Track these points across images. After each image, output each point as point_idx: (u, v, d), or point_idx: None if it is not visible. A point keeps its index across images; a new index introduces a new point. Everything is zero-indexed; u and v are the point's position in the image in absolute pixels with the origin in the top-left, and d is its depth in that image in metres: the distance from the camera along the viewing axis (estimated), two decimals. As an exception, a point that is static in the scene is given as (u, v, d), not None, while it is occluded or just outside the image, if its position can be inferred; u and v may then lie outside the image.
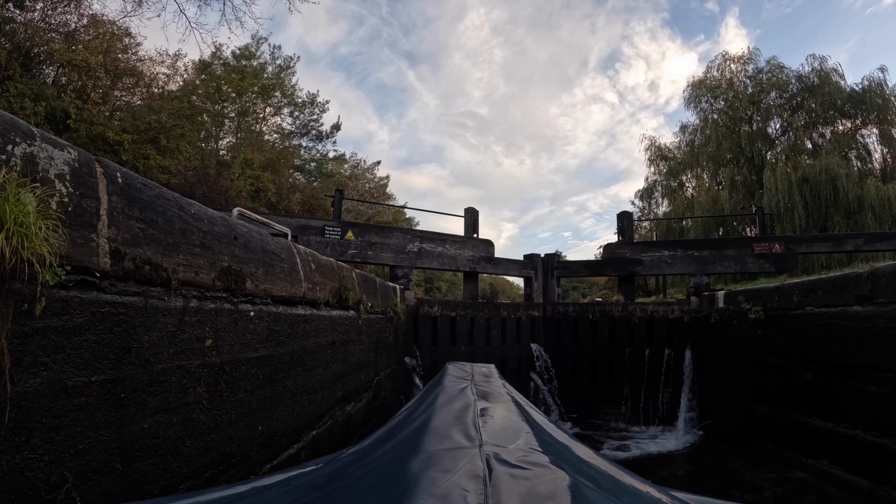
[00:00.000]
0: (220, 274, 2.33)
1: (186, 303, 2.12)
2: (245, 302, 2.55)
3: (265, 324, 2.74)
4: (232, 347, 2.45)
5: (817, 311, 5.89)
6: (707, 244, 8.96)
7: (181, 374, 2.12)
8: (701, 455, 7.37)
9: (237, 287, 2.46)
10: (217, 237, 2.34)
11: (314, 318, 3.49)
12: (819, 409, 5.85)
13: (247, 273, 2.54)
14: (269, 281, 2.79)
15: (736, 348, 7.35)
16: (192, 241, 2.16)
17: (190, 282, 2.13)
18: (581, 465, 1.86)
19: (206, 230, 2.26)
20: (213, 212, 2.42)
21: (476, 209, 9.49)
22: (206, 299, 2.25)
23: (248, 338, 2.59)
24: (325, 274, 3.79)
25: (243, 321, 2.53)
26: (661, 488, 1.72)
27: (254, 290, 2.61)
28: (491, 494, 1.30)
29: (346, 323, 4.29)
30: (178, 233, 2.07)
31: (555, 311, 9.43)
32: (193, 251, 2.15)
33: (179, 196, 2.19)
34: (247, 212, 3.02)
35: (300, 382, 3.28)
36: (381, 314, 5.90)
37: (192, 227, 2.17)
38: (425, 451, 1.77)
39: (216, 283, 2.30)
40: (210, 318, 2.27)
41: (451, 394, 2.85)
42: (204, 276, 2.22)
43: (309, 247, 7.58)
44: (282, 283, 2.95)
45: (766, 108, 24.18)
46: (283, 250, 3.07)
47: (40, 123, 11.17)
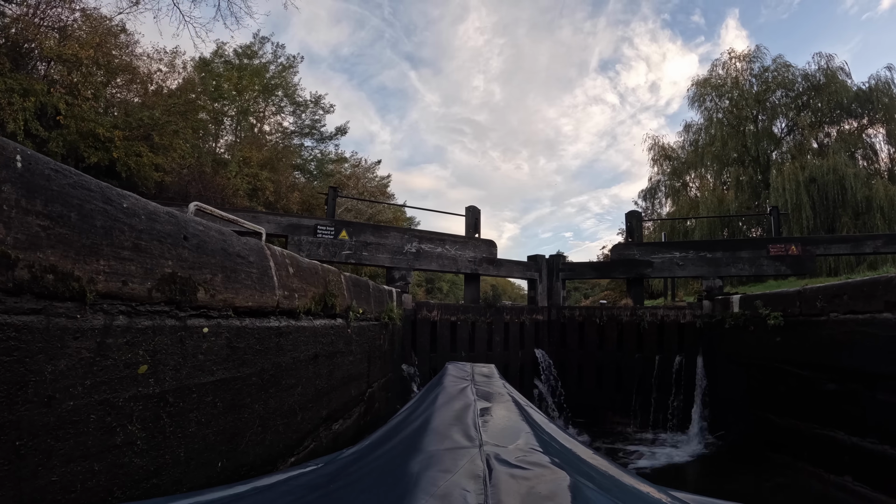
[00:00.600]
0: (160, 283, 1.89)
1: (110, 321, 1.69)
2: (196, 316, 2.12)
3: (224, 341, 2.31)
4: (177, 372, 2.01)
5: (843, 317, 5.49)
6: (720, 245, 8.51)
7: (104, 411, 1.70)
8: (714, 468, 7.00)
9: (184, 298, 2.02)
10: (158, 237, 1.91)
11: (291, 331, 3.06)
12: (843, 422, 5.47)
13: (199, 281, 2.11)
14: (230, 289, 2.35)
15: (752, 356, 6.93)
16: (121, 243, 1.73)
17: (115, 294, 1.70)
18: (581, 465, 1.85)
19: (143, 228, 1.83)
20: (158, 206, 1.99)
21: (478, 208, 9.05)
22: (139, 315, 1.82)
23: (201, 359, 2.16)
24: (306, 279, 3.36)
25: (193, 339, 2.10)
26: (661, 488, 1.70)
27: (208, 300, 2.18)
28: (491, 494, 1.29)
29: (332, 333, 3.86)
30: (99, 232, 1.64)
31: (560, 315, 8.99)
32: (121, 255, 1.72)
33: (109, 186, 1.77)
34: (207, 207, 2.59)
35: (273, 405, 2.85)
36: (374, 320, 5.47)
37: (122, 224, 1.74)
38: (425, 451, 1.76)
39: (153, 295, 1.86)
40: (144, 338, 1.84)
41: (451, 394, 2.86)
42: (136, 286, 1.79)
43: (300, 247, 7.18)
44: (248, 292, 2.52)
45: (771, 106, 23.78)
46: (252, 252, 2.63)
47: (29, 119, 10.80)
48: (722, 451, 7.37)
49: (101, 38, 12.63)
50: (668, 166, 26.63)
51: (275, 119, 24.52)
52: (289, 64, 23.65)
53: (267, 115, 24.11)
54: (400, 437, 2.15)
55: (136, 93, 15.48)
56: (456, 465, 1.54)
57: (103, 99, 12.84)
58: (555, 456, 1.70)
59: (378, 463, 1.87)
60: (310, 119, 25.47)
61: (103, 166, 12.11)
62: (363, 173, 29.59)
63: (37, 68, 12.73)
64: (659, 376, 8.19)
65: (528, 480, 1.42)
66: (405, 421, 2.47)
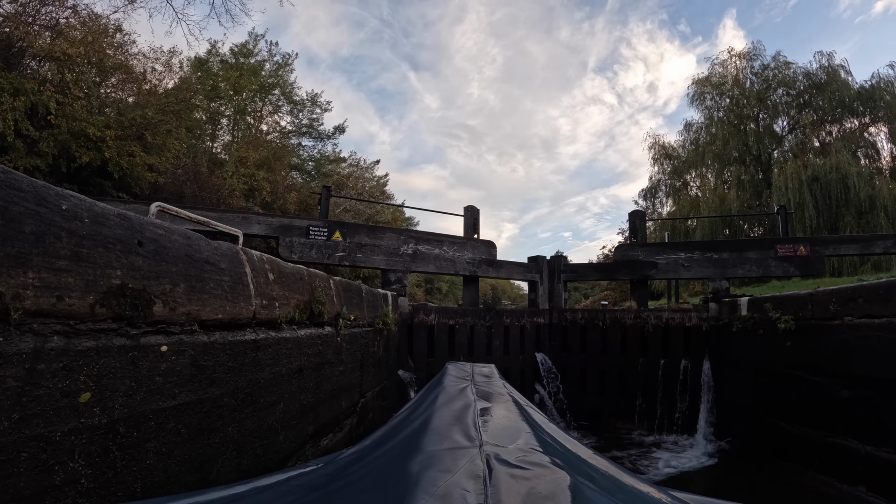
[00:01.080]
0: (106, 296, 1.65)
1: (41, 343, 1.45)
2: (152, 333, 1.87)
3: (187, 359, 2.06)
4: (129, 398, 1.77)
5: (858, 321, 5.26)
6: (727, 246, 8.25)
7: (38, 448, 1.45)
8: (721, 476, 6.76)
9: (137, 313, 1.77)
10: (105, 243, 1.66)
11: (271, 343, 2.81)
12: (857, 430, 5.24)
13: (155, 292, 1.86)
14: (195, 300, 2.10)
15: (761, 360, 6.69)
16: (56, 251, 1.48)
17: (48, 311, 1.46)
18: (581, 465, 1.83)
19: (86, 233, 1.58)
20: (108, 208, 1.74)
21: (476, 208, 8.80)
22: (80, 335, 1.57)
23: (159, 381, 1.91)
24: (288, 286, 3.11)
25: (149, 359, 1.85)
26: (661, 488, 1.69)
27: (168, 315, 1.93)
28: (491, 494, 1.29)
29: (319, 343, 3.61)
30: (29, 239, 1.40)
31: (562, 318, 8.73)
32: (56, 265, 1.48)
33: (46, 186, 1.52)
34: (171, 207, 2.34)
35: (250, 426, 2.60)
36: (367, 326, 5.22)
37: (58, 229, 1.49)
38: (425, 451, 1.74)
39: (97, 311, 1.62)
40: (87, 361, 1.59)
41: (451, 394, 2.84)
42: (75, 301, 1.54)
43: (292, 249, 6.92)
44: (218, 303, 2.26)
45: (772, 105, 23.57)
46: (224, 258, 2.38)
47: (19, 119, 10.55)
48: (729, 458, 7.13)
49: (93, 37, 12.37)
50: (668, 165, 26.42)
51: (272, 118, 24.31)
52: (284, 62, 23.41)
53: (264, 115, 23.89)
54: (400, 437, 2.14)
55: (131, 92, 15.23)
56: (456, 465, 1.54)
57: (96, 98, 12.57)
58: (555, 456, 1.70)
59: (378, 463, 1.85)
60: (307, 118, 25.26)
61: (95, 166, 11.86)
62: (361, 173, 29.36)
63: (30, 67, 12.49)
64: (664, 381, 7.95)
65: (528, 480, 1.41)
66: (405, 421, 2.46)
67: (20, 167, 10.54)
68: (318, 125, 25.61)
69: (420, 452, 1.73)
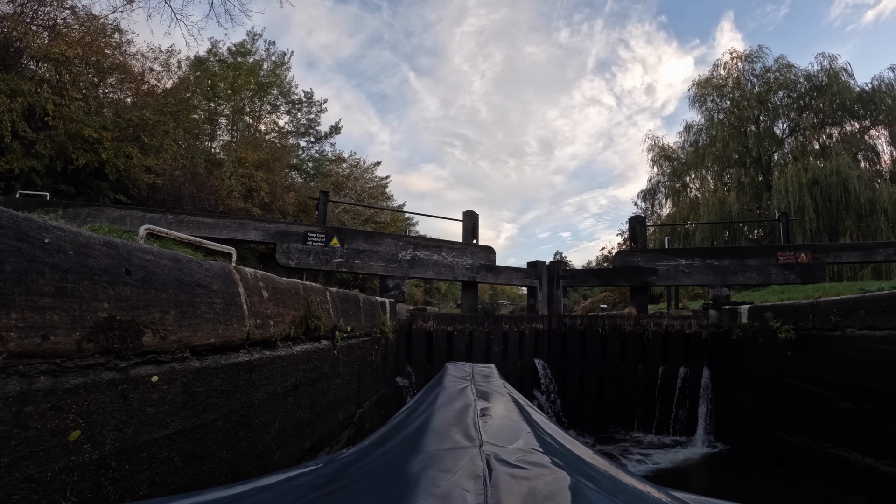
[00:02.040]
0: (94, 331, 1.60)
1: (28, 384, 1.40)
2: (142, 363, 1.82)
3: (179, 387, 2.01)
4: (120, 432, 1.72)
5: (859, 333, 5.22)
6: (728, 253, 8.20)
7: (29, 489, 1.41)
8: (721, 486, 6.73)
9: (126, 346, 1.73)
10: (90, 275, 1.61)
11: (266, 363, 2.76)
12: (857, 442, 5.21)
13: (145, 322, 1.81)
14: (187, 326, 2.06)
15: (761, 369, 6.65)
16: (39, 288, 1.43)
17: (33, 352, 1.41)
18: (581, 465, 1.83)
19: (70, 267, 1.53)
20: (93, 237, 1.69)
21: (475, 213, 8.73)
22: (67, 372, 1.52)
23: (151, 412, 1.86)
24: (283, 302, 3.06)
25: (139, 391, 1.80)
26: (661, 488, 1.69)
27: (158, 344, 1.88)
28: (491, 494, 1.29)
29: (315, 358, 3.56)
30: (10, 278, 1.35)
31: (561, 324, 8.69)
32: (40, 304, 1.43)
33: (28, 218, 1.47)
34: (162, 230, 2.28)
35: (245, 448, 2.55)
36: (365, 336, 5.18)
37: (41, 265, 1.44)
38: (425, 451, 1.74)
39: (84, 347, 1.57)
40: (75, 398, 1.55)
41: (451, 394, 2.83)
42: (60, 339, 1.49)
43: (289, 256, 6.87)
44: (210, 327, 2.22)
45: (773, 107, 23.52)
46: (216, 279, 2.33)
47: (17, 120, 10.47)
48: (729, 468, 7.10)
49: (91, 37, 12.28)
50: (667, 167, 26.36)
51: (270, 118, 24.22)
52: (280, 61, 23.32)
53: (262, 115, 23.81)
54: (400, 437, 2.13)
55: (129, 92, 15.14)
56: (456, 465, 1.54)
57: (94, 99, 12.48)
58: (555, 456, 1.70)
59: (378, 463, 1.84)
60: (305, 118, 25.18)
61: (92, 168, 11.80)
62: (361, 173, 29.28)
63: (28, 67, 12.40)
64: (663, 388, 7.91)
65: (528, 480, 1.41)
66: (405, 421, 2.44)
67: (17, 169, 10.48)
68: (315, 125, 25.54)
69: (420, 452, 1.73)
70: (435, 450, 1.74)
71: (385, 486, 1.55)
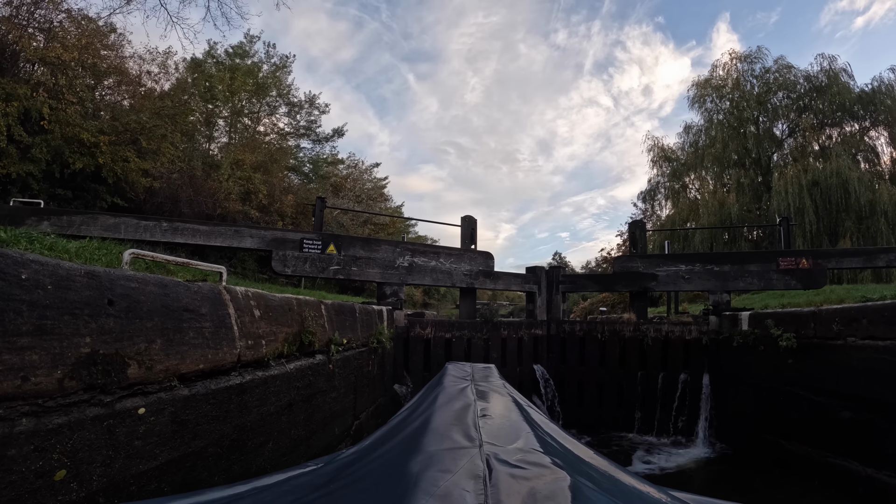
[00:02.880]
0: (76, 368, 1.55)
1: (9, 428, 1.36)
2: (128, 396, 1.77)
3: (167, 417, 1.96)
4: (108, 468, 1.67)
5: (861, 342, 5.18)
6: (728, 258, 8.14)
7: (4, 534, 1.35)
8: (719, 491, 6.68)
9: (110, 380, 1.67)
10: (71, 309, 1.55)
11: (258, 384, 2.71)
12: (858, 452, 5.19)
13: (130, 353, 1.76)
14: (174, 354, 2.00)
15: (761, 377, 6.61)
16: (17, 328, 1.37)
17: (13, 394, 1.36)
18: (581, 465, 1.83)
19: (49, 303, 1.48)
20: (73, 268, 1.63)
21: (474, 218, 8.68)
22: (50, 412, 1.47)
23: (138, 445, 1.81)
24: (276, 320, 3.01)
25: (126, 425, 1.75)
26: (661, 488, 1.68)
27: (144, 375, 1.83)
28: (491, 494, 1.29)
29: (310, 374, 3.51)
30: (-16, 318, 1.29)
31: (560, 330, 8.63)
32: (18, 344, 1.37)
33: (2, 254, 1.41)
34: (146, 253, 2.22)
35: (238, 472, 2.50)
36: (362, 346, 5.12)
37: (18, 304, 1.39)
38: (425, 451, 1.74)
39: (67, 385, 1.52)
40: (59, 438, 1.50)
41: (451, 394, 2.83)
42: (41, 379, 1.44)
43: (286, 263, 6.81)
44: (198, 352, 2.16)
45: (772, 108, 23.45)
46: (205, 302, 2.28)
47: (12, 124, 10.39)
48: (727, 474, 7.06)
49: (87, 41, 12.21)
50: (667, 168, 26.31)
51: (269, 120, 24.15)
52: (282, 64, 23.24)
53: (261, 116, 23.74)
54: (400, 437, 2.13)
55: (127, 94, 15.06)
56: (456, 465, 1.54)
57: (90, 102, 12.41)
58: (555, 456, 1.71)
59: (378, 463, 1.84)
60: (305, 120, 25.11)
61: (89, 172, 11.74)
62: (360, 175, 29.24)
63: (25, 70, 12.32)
64: (662, 394, 7.86)
65: (528, 480, 1.41)
66: (405, 421, 2.44)
67: (13, 173, 10.42)
68: (315, 127, 25.47)
69: (420, 452, 1.73)
70: (435, 450, 1.74)
71: (385, 486, 1.56)
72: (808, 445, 5.87)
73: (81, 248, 2.92)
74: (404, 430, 2.23)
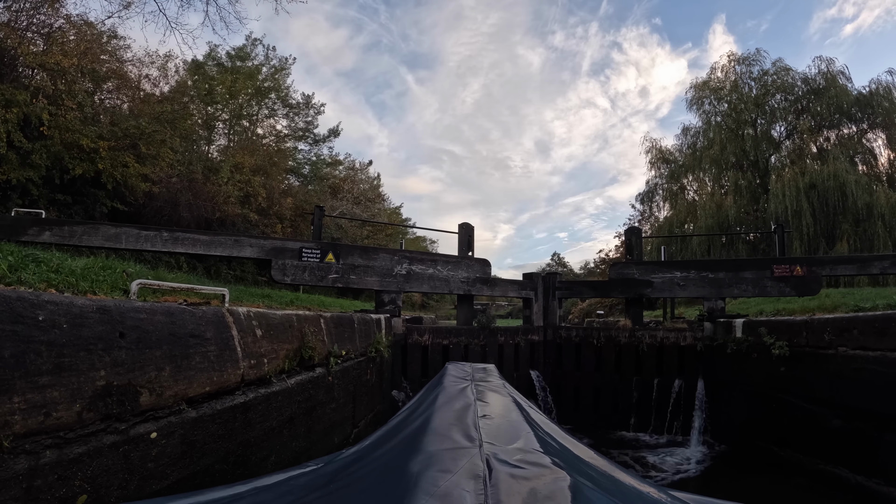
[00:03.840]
0: (93, 400, 1.64)
1: (35, 461, 1.45)
2: (141, 422, 1.86)
3: (177, 440, 2.06)
4: (124, 490, 1.78)
5: (852, 352, 5.26)
6: (723, 265, 8.24)
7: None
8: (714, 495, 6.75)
9: (124, 409, 1.77)
10: (86, 345, 1.64)
11: (260, 401, 2.80)
12: (849, 460, 5.26)
13: (141, 382, 1.85)
14: (182, 380, 2.09)
15: (754, 384, 6.70)
16: (38, 368, 1.46)
17: (37, 430, 1.46)
18: (581, 465, 1.83)
19: (66, 341, 1.57)
20: (86, 303, 1.72)
21: (471, 225, 8.77)
22: (71, 443, 1.57)
23: (151, 467, 1.91)
24: (277, 337, 3.10)
25: (140, 449, 1.85)
26: (661, 488, 1.69)
27: (155, 402, 1.92)
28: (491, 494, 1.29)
29: (310, 388, 3.60)
30: (9, 364, 1.38)
31: (556, 336, 8.73)
32: (40, 383, 1.46)
33: (21, 297, 1.50)
34: (154, 283, 2.31)
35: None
36: (360, 357, 5.21)
37: (38, 345, 1.48)
38: (425, 451, 1.74)
39: (85, 416, 1.61)
40: (79, 466, 1.59)
41: (451, 394, 2.84)
42: (62, 413, 1.53)
43: (285, 272, 6.90)
44: (205, 376, 2.25)
45: (770, 110, 23.56)
46: (210, 326, 2.37)
47: (12, 130, 10.44)
48: (721, 479, 7.15)
49: (86, 46, 12.26)
50: (665, 169, 26.43)
51: (268, 122, 24.23)
52: (281, 66, 23.30)
53: (260, 118, 23.81)
54: (400, 437, 2.14)
55: (126, 98, 15.10)
56: (456, 465, 1.54)
57: (90, 107, 12.45)
58: (555, 456, 1.71)
59: (378, 463, 1.85)
60: (303, 122, 25.19)
61: (89, 177, 11.81)
62: (356, 175, 29.34)
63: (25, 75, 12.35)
64: (658, 400, 7.95)
65: (528, 480, 1.41)
66: (405, 421, 2.45)
67: (13, 179, 10.48)
68: (313, 128, 25.55)
69: (420, 452, 1.74)
70: (435, 450, 1.74)
71: (385, 486, 1.57)
72: (800, 452, 5.95)
73: (87, 268, 3.00)
74: (404, 430, 2.25)
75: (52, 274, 2.58)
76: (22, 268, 2.52)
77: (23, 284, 2.20)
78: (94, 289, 2.65)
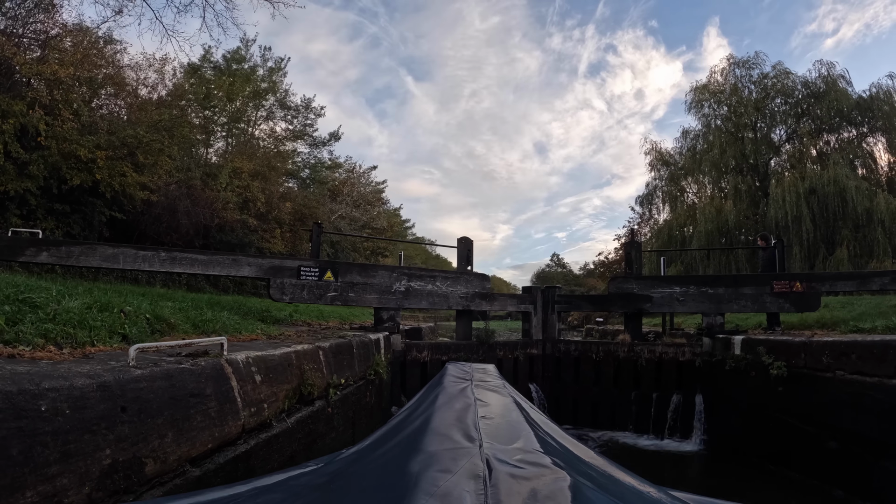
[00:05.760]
0: (101, 479, 1.65)
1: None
2: (147, 490, 1.87)
3: None
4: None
5: (850, 377, 5.27)
6: (723, 281, 8.25)
7: None
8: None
9: (130, 482, 1.78)
10: (90, 427, 1.66)
11: (262, 446, 2.81)
12: (844, 482, 5.27)
13: (145, 453, 1.87)
14: (185, 442, 2.11)
15: (752, 402, 6.72)
16: (46, 459, 1.47)
17: (41, 519, 1.45)
18: (581, 465, 1.83)
19: (70, 427, 1.58)
20: (86, 381, 1.73)
21: (470, 239, 8.77)
22: (74, 527, 1.57)
23: (153, 537, 1.91)
24: (277, 379, 3.11)
25: (142, 521, 1.85)
26: (661, 488, 1.69)
27: (159, 469, 1.94)
28: (491, 494, 1.29)
29: (310, 423, 3.62)
30: (17, 460, 1.39)
31: (555, 350, 8.76)
32: (49, 473, 1.47)
33: (21, 391, 1.50)
34: (151, 345, 2.32)
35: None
36: (360, 381, 5.23)
37: (44, 436, 1.49)
38: (425, 451, 1.74)
39: (94, 497, 1.62)
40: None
41: (451, 394, 2.84)
42: (73, 497, 1.55)
43: (283, 291, 6.90)
44: (206, 433, 2.27)
45: (770, 114, 23.56)
46: (209, 382, 2.38)
47: (9, 141, 10.42)
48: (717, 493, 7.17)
49: (82, 54, 12.22)
50: (665, 172, 26.43)
51: (266, 125, 24.17)
52: (277, 66, 23.25)
53: (258, 121, 23.77)
54: (400, 437, 2.14)
55: (124, 104, 15.06)
56: (456, 465, 1.54)
57: (86, 116, 12.40)
58: (555, 456, 1.71)
59: (378, 463, 1.86)
60: (301, 123, 25.12)
61: (87, 187, 11.78)
62: (357, 178, 29.25)
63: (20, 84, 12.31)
64: (656, 414, 7.98)
65: (528, 480, 1.41)
66: (405, 421, 2.45)
67: (11, 190, 10.46)
68: (312, 131, 25.48)
69: (420, 452, 1.74)
70: (435, 450, 1.74)
71: (385, 486, 1.57)
72: (797, 471, 5.97)
73: (84, 312, 3.01)
74: (404, 430, 2.25)
75: (50, 324, 2.59)
76: (20, 320, 2.53)
77: (20, 343, 2.22)
78: (93, 338, 2.66)
